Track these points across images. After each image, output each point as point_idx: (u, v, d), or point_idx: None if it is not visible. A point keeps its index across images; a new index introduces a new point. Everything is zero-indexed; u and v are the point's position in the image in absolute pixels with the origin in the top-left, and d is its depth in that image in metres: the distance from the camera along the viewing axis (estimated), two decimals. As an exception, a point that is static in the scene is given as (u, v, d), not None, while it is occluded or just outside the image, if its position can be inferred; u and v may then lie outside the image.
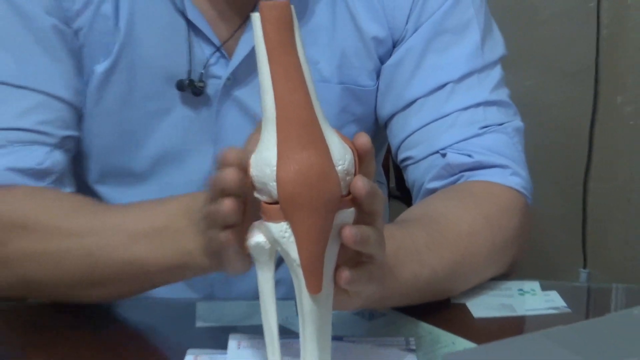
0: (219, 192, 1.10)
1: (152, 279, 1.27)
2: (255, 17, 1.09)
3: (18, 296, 1.37)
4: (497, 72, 1.50)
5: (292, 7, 1.09)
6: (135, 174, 1.51)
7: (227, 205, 1.07)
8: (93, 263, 1.27)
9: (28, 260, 1.31)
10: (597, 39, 2.32)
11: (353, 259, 1.06)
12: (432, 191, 1.46)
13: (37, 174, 1.37)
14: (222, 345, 1.23)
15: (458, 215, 1.37)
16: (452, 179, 1.44)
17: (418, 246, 1.29)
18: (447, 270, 1.32)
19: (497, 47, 1.51)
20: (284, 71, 1.09)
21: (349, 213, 1.08)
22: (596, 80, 2.35)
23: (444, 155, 1.44)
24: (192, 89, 1.45)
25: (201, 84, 1.45)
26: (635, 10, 2.29)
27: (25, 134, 1.39)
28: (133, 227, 1.26)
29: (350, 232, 1.03)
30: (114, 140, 1.50)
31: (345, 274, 1.05)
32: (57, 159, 1.40)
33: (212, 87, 1.46)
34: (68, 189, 1.42)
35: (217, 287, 1.53)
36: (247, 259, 1.13)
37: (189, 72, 1.45)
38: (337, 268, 1.07)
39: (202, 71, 1.45)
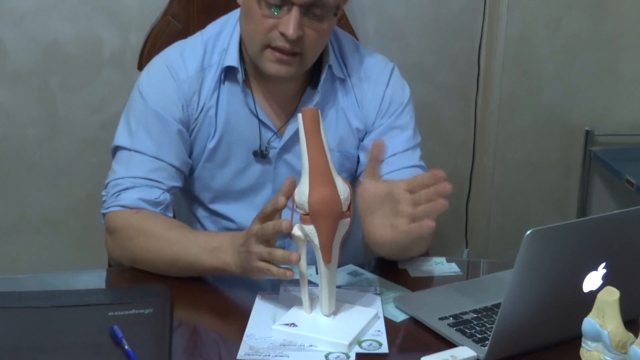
0: (269, 214, 1.13)
1: (205, 272, 1.25)
2: (299, 115, 1.11)
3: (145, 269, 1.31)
4: (419, 150, 1.46)
5: (319, 111, 1.11)
6: (232, 198, 1.45)
7: (287, 223, 1.09)
8: (175, 259, 1.25)
9: (143, 251, 1.28)
10: (475, 124, 2.32)
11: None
12: None
13: (154, 203, 1.33)
14: (277, 290, 1.23)
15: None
16: None
17: None
18: None
19: (418, 136, 1.47)
20: (313, 144, 1.10)
21: (347, 221, 1.11)
22: (474, 148, 2.34)
23: None
24: (261, 155, 1.42)
25: (267, 152, 1.42)
26: (497, 106, 2.29)
27: (151, 182, 1.34)
28: (201, 244, 1.23)
29: None
30: (218, 182, 1.45)
31: None
32: (166, 197, 1.34)
33: (272, 153, 1.42)
34: (169, 214, 1.36)
35: None
36: (263, 274, 1.14)
37: (260, 145, 1.41)
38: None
39: (267, 145, 1.41)
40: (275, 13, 1.28)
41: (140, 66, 1.68)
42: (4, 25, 1.99)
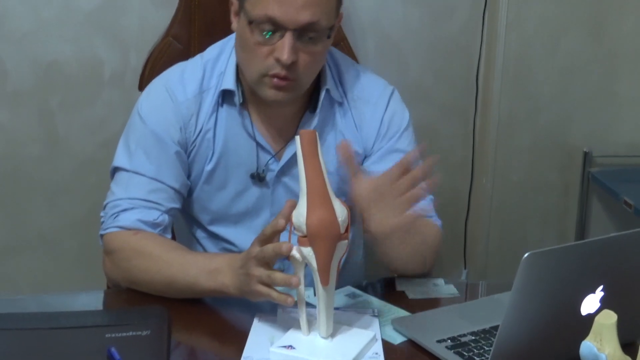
0: (269, 236, 1.13)
1: (203, 294, 1.25)
2: (297, 137, 1.12)
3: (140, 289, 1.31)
4: None
5: (317, 132, 1.12)
6: (230, 220, 1.45)
7: (287, 246, 1.10)
8: (173, 280, 1.25)
9: (141, 273, 1.28)
10: (473, 145, 2.33)
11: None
12: None
13: (153, 225, 1.33)
14: (275, 312, 1.22)
15: (423, 227, 1.36)
16: None
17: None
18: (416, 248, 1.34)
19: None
20: (311, 166, 1.10)
21: (344, 243, 1.11)
22: (472, 169, 2.34)
23: None
24: (258, 178, 1.41)
25: (264, 175, 1.41)
26: (496, 127, 2.29)
27: (149, 203, 1.34)
28: (200, 266, 1.24)
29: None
30: (216, 205, 1.44)
31: None
32: (164, 218, 1.34)
33: (270, 176, 1.41)
34: (168, 236, 1.36)
35: None
36: (263, 297, 1.15)
37: (257, 168, 1.41)
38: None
39: (264, 168, 1.41)
40: (267, 37, 1.28)
41: (141, 87, 1.69)
42: (5, 45, 2.00)
